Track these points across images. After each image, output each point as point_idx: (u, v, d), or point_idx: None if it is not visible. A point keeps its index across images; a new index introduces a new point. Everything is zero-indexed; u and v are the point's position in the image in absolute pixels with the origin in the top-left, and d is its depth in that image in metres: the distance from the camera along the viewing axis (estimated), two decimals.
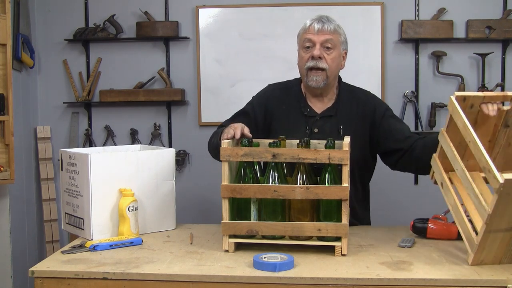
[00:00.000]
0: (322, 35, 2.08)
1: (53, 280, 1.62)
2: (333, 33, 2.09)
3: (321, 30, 2.08)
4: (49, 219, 3.66)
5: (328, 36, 2.08)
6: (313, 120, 2.13)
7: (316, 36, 2.08)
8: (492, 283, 1.52)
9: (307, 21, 2.14)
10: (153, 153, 2.06)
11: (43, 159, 3.67)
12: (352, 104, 2.16)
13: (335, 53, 2.10)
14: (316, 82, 2.09)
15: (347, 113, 2.15)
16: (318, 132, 2.12)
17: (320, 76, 2.08)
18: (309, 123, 2.13)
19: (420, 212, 2.24)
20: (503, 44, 3.52)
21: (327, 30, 2.08)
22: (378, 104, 2.21)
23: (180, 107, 3.72)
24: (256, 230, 1.75)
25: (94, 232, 1.91)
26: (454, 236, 1.90)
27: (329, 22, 2.10)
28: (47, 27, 3.71)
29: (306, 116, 2.15)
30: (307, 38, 2.10)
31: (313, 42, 2.09)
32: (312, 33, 2.09)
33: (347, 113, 2.15)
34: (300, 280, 1.55)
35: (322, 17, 2.13)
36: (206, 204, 3.61)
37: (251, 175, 1.80)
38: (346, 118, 2.14)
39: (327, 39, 2.08)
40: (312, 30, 2.09)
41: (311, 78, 2.09)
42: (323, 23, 2.09)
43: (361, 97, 2.21)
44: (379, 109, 2.18)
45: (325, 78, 2.09)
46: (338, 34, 2.11)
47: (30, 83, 3.63)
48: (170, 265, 1.66)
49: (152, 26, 3.61)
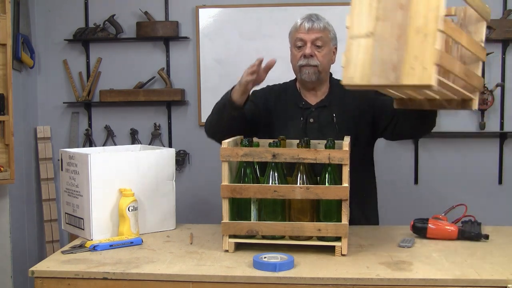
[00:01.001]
0: (313, 34, 2.15)
1: (53, 280, 1.62)
2: (323, 31, 2.16)
3: (311, 29, 2.15)
4: (49, 219, 3.67)
5: (318, 34, 2.15)
6: (308, 111, 2.22)
7: (306, 35, 2.16)
8: (492, 283, 1.52)
9: (297, 20, 2.21)
10: (153, 153, 2.06)
11: (43, 159, 3.67)
12: (345, 95, 2.18)
13: (325, 49, 2.18)
14: (309, 75, 2.17)
15: (339, 102, 2.22)
16: (313, 122, 2.20)
17: (312, 70, 2.17)
18: (304, 114, 2.22)
19: (420, 212, 2.24)
20: (503, 44, 3.53)
21: (316, 28, 2.15)
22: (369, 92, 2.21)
23: (180, 107, 3.72)
24: (256, 230, 1.75)
25: (94, 232, 1.91)
26: (454, 236, 1.90)
27: (319, 21, 2.17)
28: (47, 27, 3.71)
29: (302, 109, 2.23)
30: (298, 38, 2.17)
31: (304, 41, 2.16)
32: (303, 32, 2.16)
33: (340, 103, 2.22)
34: (300, 280, 1.55)
35: (311, 15, 2.20)
36: (206, 204, 3.61)
37: (251, 175, 1.80)
38: (339, 107, 2.22)
39: (317, 37, 2.15)
40: (303, 29, 2.16)
41: (304, 72, 2.18)
42: (313, 22, 2.16)
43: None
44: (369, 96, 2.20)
45: (317, 72, 2.18)
46: (327, 31, 2.18)
47: (30, 83, 3.63)
48: (170, 265, 1.66)
49: (152, 26, 3.61)
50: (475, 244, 1.86)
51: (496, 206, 3.55)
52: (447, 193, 3.57)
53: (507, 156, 3.60)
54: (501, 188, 3.62)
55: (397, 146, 2.33)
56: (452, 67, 1.47)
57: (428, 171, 3.65)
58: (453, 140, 3.61)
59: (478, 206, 2.31)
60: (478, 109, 3.53)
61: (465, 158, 3.62)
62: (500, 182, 3.62)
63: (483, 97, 3.52)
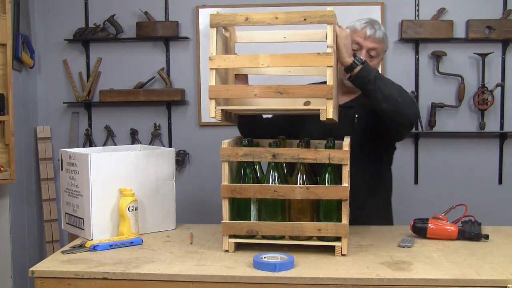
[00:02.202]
0: (370, 42, 2.12)
1: (53, 280, 1.62)
2: (380, 42, 2.14)
3: (371, 37, 2.12)
4: (49, 219, 3.67)
5: (375, 44, 2.12)
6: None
7: (364, 41, 2.12)
8: (492, 283, 1.52)
9: (360, 23, 2.15)
10: (153, 153, 2.06)
11: (43, 159, 3.67)
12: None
13: (376, 60, 2.16)
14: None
15: (364, 104, 2.16)
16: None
17: None
18: None
19: (420, 212, 2.24)
20: (503, 44, 3.53)
21: (376, 38, 2.12)
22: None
23: (180, 107, 3.72)
24: (256, 230, 1.75)
25: (94, 232, 1.91)
26: (454, 236, 1.90)
27: (380, 31, 2.14)
28: (47, 27, 3.71)
29: None
30: (355, 41, 2.12)
31: (360, 46, 2.12)
32: (362, 37, 2.12)
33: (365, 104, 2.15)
34: (300, 280, 1.55)
35: (374, 22, 2.16)
36: (206, 204, 3.61)
37: (251, 175, 1.80)
38: (362, 108, 2.17)
39: (374, 47, 2.12)
40: (363, 34, 2.12)
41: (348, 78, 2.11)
42: (375, 30, 2.12)
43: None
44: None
45: None
46: (383, 43, 2.16)
47: (30, 83, 3.63)
48: (170, 265, 1.66)
49: (152, 26, 3.61)
50: (475, 244, 1.86)
51: (496, 206, 3.55)
52: (447, 193, 3.57)
53: (507, 156, 3.60)
54: (501, 188, 3.62)
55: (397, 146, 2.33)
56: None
57: (428, 171, 3.65)
58: (453, 140, 3.61)
59: (478, 206, 2.31)
60: (478, 109, 3.55)
61: (465, 158, 3.62)
62: (500, 182, 3.62)
63: (483, 97, 3.52)
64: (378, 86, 1.92)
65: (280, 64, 1.77)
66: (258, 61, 1.76)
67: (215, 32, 1.79)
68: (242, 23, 1.77)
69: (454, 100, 3.59)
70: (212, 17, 1.78)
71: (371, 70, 1.93)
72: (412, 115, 2.04)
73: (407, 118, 2.02)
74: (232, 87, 1.83)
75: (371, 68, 1.94)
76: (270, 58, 1.75)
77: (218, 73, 1.82)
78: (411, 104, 2.03)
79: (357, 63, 1.90)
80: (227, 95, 1.81)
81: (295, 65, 1.76)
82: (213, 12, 1.78)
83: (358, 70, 1.90)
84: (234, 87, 1.83)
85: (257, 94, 1.75)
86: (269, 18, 1.75)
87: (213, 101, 1.79)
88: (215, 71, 1.81)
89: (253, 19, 1.76)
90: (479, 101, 3.53)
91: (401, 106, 1.97)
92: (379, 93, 1.92)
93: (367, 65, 1.93)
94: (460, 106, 3.58)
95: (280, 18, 1.75)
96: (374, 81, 1.91)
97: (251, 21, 1.77)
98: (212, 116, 1.79)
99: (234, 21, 1.78)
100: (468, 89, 3.55)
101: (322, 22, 1.74)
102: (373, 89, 1.92)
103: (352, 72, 1.91)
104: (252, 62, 1.77)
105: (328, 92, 1.70)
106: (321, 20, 1.73)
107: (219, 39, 1.83)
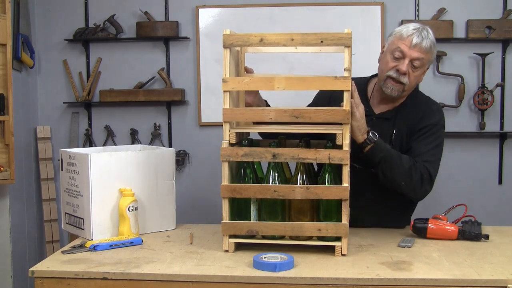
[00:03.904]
0: (415, 52, 1.99)
1: (53, 280, 1.62)
2: (426, 52, 2.01)
3: (417, 46, 1.99)
4: (49, 219, 3.66)
5: (420, 54, 2.00)
6: (367, 119, 1.95)
7: (409, 50, 1.99)
8: (492, 283, 1.52)
9: (408, 29, 2.02)
10: (153, 153, 2.06)
11: (43, 159, 3.67)
12: (412, 111, 2.11)
13: (420, 71, 2.04)
14: (392, 91, 2.05)
15: (404, 118, 2.09)
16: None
17: (398, 87, 2.04)
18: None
19: (420, 212, 2.24)
20: (503, 44, 3.52)
21: (423, 47, 1.99)
22: (427, 117, 2.10)
23: (180, 107, 3.72)
24: (256, 230, 1.75)
25: (94, 232, 1.91)
26: (454, 236, 1.90)
27: (427, 39, 2.00)
28: (47, 27, 3.71)
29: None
30: (399, 48, 2.00)
31: (404, 55, 2.00)
32: (407, 45, 1.99)
33: (404, 119, 2.09)
34: (300, 280, 1.55)
35: (423, 30, 2.01)
36: (206, 204, 3.61)
37: (251, 175, 1.80)
38: (402, 123, 2.09)
39: (419, 57, 2.00)
40: (408, 42, 1.99)
41: (388, 86, 2.05)
42: (422, 39, 1.98)
43: (422, 103, 2.14)
44: (423, 122, 2.09)
45: (401, 91, 2.05)
46: (430, 53, 2.02)
47: (30, 83, 3.63)
48: (170, 265, 1.66)
49: (152, 26, 3.61)
50: (475, 244, 1.86)
51: (496, 206, 3.55)
52: (447, 193, 3.56)
53: (507, 156, 3.60)
54: (501, 188, 3.62)
55: None
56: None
57: None
58: (453, 140, 3.60)
59: (478, 206, 2.31)
60: (478, 109, 3.55)
61: (465, 158, 3.62)
62: (500, 182, 3.62)
63: (483, 97, 3.52)
64: (381, 170, 1.95)
65: (296, 87, 1.75)
66: (273, 84, 1.73)
67: (228, 53, 1.74)
68: (257, 44, 1.73)
69: (454, 100, 3.59)
70: (225, 38, 1.73)
71: (380, 151, 1.92)
72: (417, 196, 2.07)
73: (411, 197, 2.08)
74: (247, 110, 1.79)
75: (381, 149, 1.93)
76: (285, 81, 1.73)
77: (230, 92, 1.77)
78: (418, 186, 1.99)
79: (368, 142, 1.90)
80: (242, 118, 1.78)
81: (311, 88, 1.75)
82: (226, 32, 1.73)
83: (367, 149, 1.92)
84: (249, 110, 1.79)
85: (272, 118, 1.73)
86: (284, 40, 1.72)
87: (227, 124, 1.74)
88: (228, 93, 1.75)
89: (268, 40, 1.72)
90: (479, 101, 3.53)
91: (403, 190, 2.00)
92: (382, 176, 1.97)
93: (378, 144, 1.91)
94: (460, 106, 3.57)
95: (296, 40, 1.71)
96: (377, 164, 1.94)
97: (265, 43, 1.73)
98: (226, 139, 1.74)
99: (248, 42, 1.73)
100: (468, 89, 3.55)
101: (339, 45, 1.72)
102: (376, 172, 1.97)
103: (364, 150, 1.93)
104: (267, 86, 1.75)
105: (345, 116, 1.70)
106: (338, 42, 1.70)
107: (231, 57, 1.79)
